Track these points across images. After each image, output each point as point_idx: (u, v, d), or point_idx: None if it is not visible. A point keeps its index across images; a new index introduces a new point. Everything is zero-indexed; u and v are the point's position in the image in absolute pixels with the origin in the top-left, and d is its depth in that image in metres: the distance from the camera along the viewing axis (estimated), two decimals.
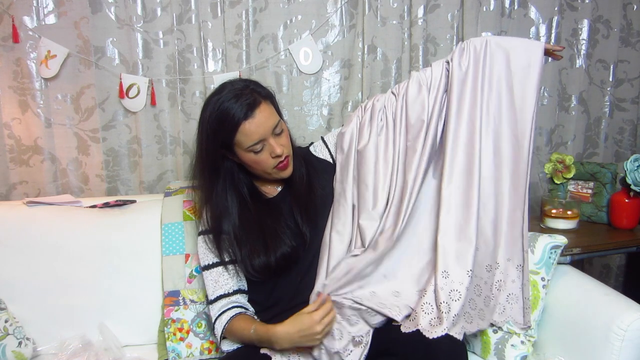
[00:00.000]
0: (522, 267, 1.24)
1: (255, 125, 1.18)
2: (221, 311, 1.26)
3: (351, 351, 1.15)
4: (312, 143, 1.48)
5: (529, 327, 1.25)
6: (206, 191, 1.30)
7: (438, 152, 1.30)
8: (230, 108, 1.17)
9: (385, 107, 1.36)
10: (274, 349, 1.18)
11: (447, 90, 1.29)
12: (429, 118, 1.29)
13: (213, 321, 1.27)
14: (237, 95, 1.18)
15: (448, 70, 1.30)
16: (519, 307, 1.24)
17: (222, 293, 1.28)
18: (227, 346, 1.27)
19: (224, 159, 1.27)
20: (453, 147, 1.24)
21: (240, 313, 1.25)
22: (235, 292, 1.29)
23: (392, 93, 1.38)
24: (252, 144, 1.19)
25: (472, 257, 1.18)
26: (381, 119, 1.36)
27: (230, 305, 1.27)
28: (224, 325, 1.24)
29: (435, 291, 1.16)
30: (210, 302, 1.29)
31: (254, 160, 1.23)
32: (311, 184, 1.35)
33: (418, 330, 1.10)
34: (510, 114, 1.26)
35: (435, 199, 1.27)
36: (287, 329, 1.13)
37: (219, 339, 1.26)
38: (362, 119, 1.38)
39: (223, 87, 1.24)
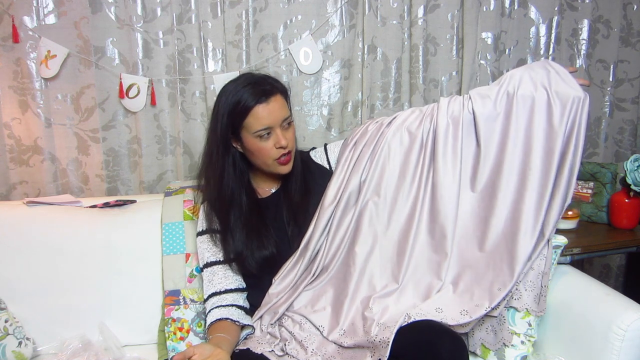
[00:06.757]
0: (546, 256, 1.23)
1: (268, 111, 1.21)
2: (209, 310, 1.27)
3: None
4: (314, 148, 1.48)
5: (543, 313, 1.23)
6: (215, 182, 1.30)
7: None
8: (246, 91, 1.22)
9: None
10: None
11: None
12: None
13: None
14: (255, 82, 1.24)
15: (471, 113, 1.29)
16: (535, 295, 1.22)
17: (214, 291, 1.29)
18: None
19: (230, 147, 1.28)
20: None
21: (219, 320, 1.24)
22: (228, 291, 1.29)
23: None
24: (260, 129, 1.21)
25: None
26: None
27: (218, 304, 1.27)
28: (207, 328, 1.26)
29: None
30: (204, 301, 1.31)
31: (257, 148, 1.24)
32: (307, 188, 1.36)
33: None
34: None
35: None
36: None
37: None
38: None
39: (241, 75, 1.29)
